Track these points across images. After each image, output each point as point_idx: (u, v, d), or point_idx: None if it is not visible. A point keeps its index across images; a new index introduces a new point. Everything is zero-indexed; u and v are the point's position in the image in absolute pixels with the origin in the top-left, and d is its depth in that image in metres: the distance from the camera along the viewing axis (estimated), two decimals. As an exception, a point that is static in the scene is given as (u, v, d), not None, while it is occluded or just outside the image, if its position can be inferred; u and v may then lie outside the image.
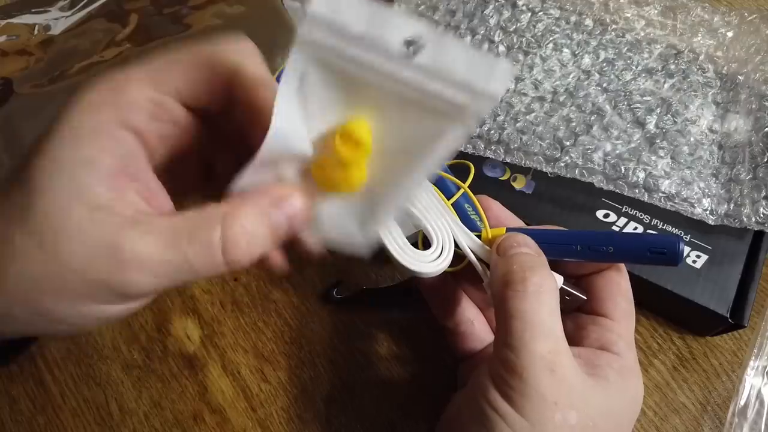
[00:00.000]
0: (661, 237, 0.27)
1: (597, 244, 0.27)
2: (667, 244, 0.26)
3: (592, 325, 0.29)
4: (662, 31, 0.41)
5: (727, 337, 0.39)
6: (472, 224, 0.30)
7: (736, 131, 0.37)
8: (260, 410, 0.37)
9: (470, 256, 0.29)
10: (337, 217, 0.24)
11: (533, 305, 0.25)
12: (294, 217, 0.22)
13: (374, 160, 0.22)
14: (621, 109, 0.38)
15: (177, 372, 0.38)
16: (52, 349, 0.38)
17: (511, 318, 0.25)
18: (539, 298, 0.25)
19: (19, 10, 0.44)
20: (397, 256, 0.28)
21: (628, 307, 0.29)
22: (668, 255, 0.26)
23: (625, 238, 0.28)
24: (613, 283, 0.29)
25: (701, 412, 0.37)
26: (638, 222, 0.37)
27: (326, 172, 0.22)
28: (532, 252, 0.27)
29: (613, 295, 0.29)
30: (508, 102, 0.39)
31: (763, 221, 0.34)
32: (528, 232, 0.28)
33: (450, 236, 0.29)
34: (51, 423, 0.37)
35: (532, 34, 0.40)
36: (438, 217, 0.29)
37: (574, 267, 0.30)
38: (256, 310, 0.40)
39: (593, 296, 0.29)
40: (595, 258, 0.28)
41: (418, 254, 0.28)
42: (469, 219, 0.30)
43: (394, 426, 0.36)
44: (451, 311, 0.33)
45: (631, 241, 0.27)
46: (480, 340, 0.33)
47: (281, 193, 0.22)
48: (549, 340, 0.24)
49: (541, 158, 0.37)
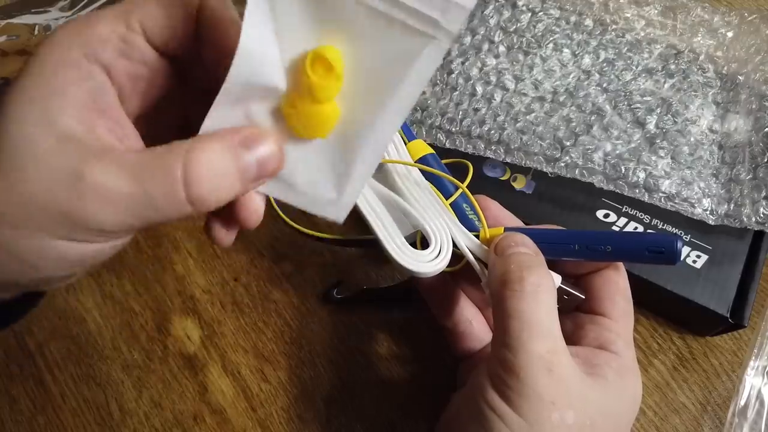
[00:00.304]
0: (659, 236, 0.27)
1: (595, 244, 0.27)
2: (665, 243, 0.26)
3: (590, 325, 0.29)
4: (662, 31, 0.41)
5: (727, 337, 0.39)
6: (470, 224, 0.30)
7: (736, 131, 0.37)
8: (260, 410, 0.37)
9: (468, 256, 0.29)
10: (308, 169, 0.23)
11: (531, 305, 0.25)
12: (265, 162, 0.21)
13: (347, 97, 0.21)
14: (621, 109, 0.38)
15: (177, 372, 0.38)
16: (52, 349, 0.38)
17: (509, 318, 0.25)
18: (537, 298, 0.25)
19: (19, 11, 0.44)
20: (395, 256, 0.28)
21: (627, 306, 0.29)
22: (666, 254, 0.26)
23: (623, 238, 0.28)
24: (612, 282, 0.29)
25: (701, 412, 0.37)
26: (638, 222, 0.37)
27: (298, 109, 0.21)
28: (530, 251, 0.27)
29: (611, 294, 0.29)
30: (508, 102, 0.39)
31: (763, 221, 0.34)
32: (526, 232, 0.28)
33: (448, 236, 0.29)
34: (51, 423, 0.37)
35: (532, 35, 0.40)
36: (436, 217, 0.29)
37: (572, 266, 0.30)
38: (256, 310, 0.40)
39: (592, 295, 0.29)
40: (593, 257, 0.28)
41: (416, 254, 0.28)
42: (467, 219, 0.30)
43: (394, 426, 0.36)
44: (449, 311, 0.33)
45: (629, 240, 0.27)
46: (479, 340, 0.33)
47: (253, 133, 0.21)
48: (547, 339, 0.24)
49: (541, 158, 0.37)
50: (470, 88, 0.39)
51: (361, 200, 0.29)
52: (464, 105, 0.39)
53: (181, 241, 0.41)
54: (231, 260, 0.41)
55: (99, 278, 0.40)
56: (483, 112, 0.39)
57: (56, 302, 0.39)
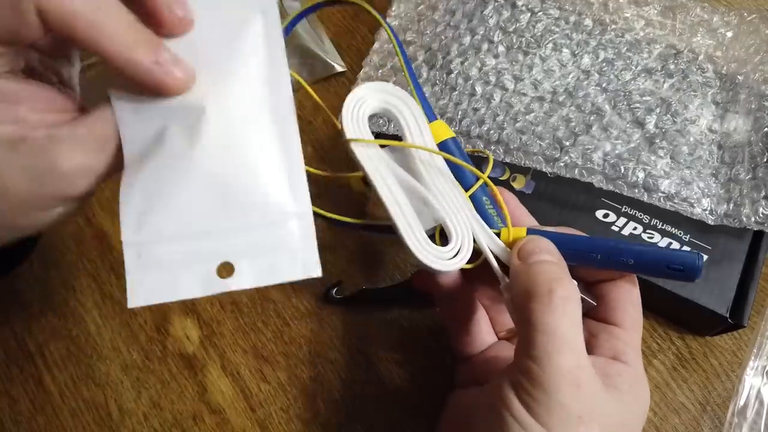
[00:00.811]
0: (682, 254, 0.27)
1: (617, 256, 0.27)
2: (687, 261, 0.26)
3: (604, 334, 0.29)
4: (661, 31, 0.41)
5: (726, 337, 0.39)
6: (489, 219, 0.29)
7: (736, 131, 0.37)
8: (259, 410, 0.37)
9: (491, 260, 0.28)
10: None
11: (558, 318, 0.24)
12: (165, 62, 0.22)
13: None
14: (620, 109, 0.38)
15: (176, 372, 0.38)
16: (51, 350, 0.38)
17: (535, 330, 0.24)
18: (565, 311, 0.25)
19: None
20: (414, 251, 0.27)
21: (638, 317, 0.29)
22: (686, 272, 0.26)
23: (646, 252, 0.27)
24: (626, 292, 0.29)
25: (701, 412, 0.37)
26: (638, 222, 0.37)
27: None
28: (555, 260, 0.27)
29: (624, 304, 0.29)
30: (507, 102, 0.39)
31: (762, 221, 0.34)
32: (549, 236, 0.28)
33: (470, 233, 0.28)
34: (50, 423, 0.37)
35: (532, 35, 0.40)
36: (458, 212, 0.28)
37: (587, 272, 0.30)
38: (255, 310, 0.40)
39: (606, 304, 0.29)
40: (614, 267, 0.28)
41: (436, 250, 0.27)
42: (486, 213, 0.29)
43: (394, 426, 0.36)
44: (457, 309, 0.33)
45: (651, 254, 0.27)
46: (481, 342, 0.33)
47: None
48: (573, 353, 0.24)
49: (540, 158, 0.37)
50: (469, 88, 0.39)
51: (381, 185, 0.28)
52: (463, 105, 0.39)
53: (180, 241, 0.41)
54: (230, 260, 0.41)
55: (98, 278, 0.40)
56: (482, 112, 0.39)
57: (56, 303, 0.39)
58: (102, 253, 0.41)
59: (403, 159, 0.29)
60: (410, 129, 0.29)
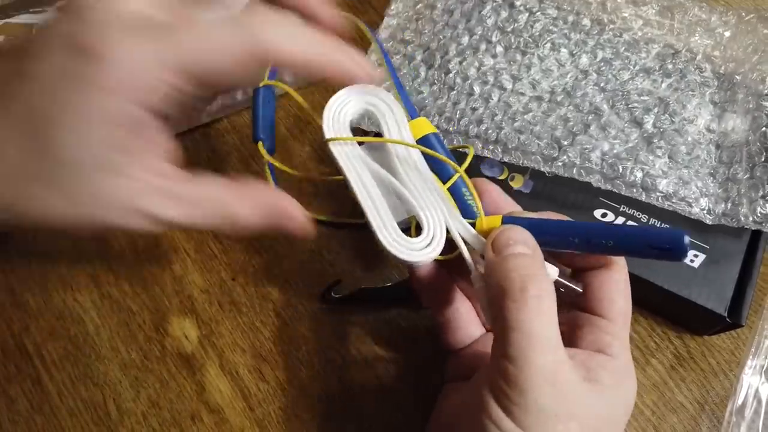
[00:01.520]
0: (665, 231, 0.26)
1: (596, 237, 0.26)
2: (672, 239, 0.24)
3: (588, 326, 0.28)
4: (660, 30, 0.41)
5: (724, 336, 0.39)
6: (469, 210, 0.29)
7: (734, 131, 0.37)
8: (258, 410, 0.37)
9: (462, 248, 0.28)
10: None
11: (533, 316, 0.24)
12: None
13: None
14: (618, 109, 0.38)
15: (175, 372, 0.38)
16: (50, 349, 0.38)
17: (510, 329, 0.24)
18: (539, 308, 0.24)
19: (18, 10, 0.43)
20: (385, 243, 0.27)
21: (626, 306, 0.28)
22: (672, 251, 0.24)
23: (626, 231, 0.26)
24: (612, 281, 0.28)
25: (699, 411, 0.37)
26: (636, 221, 0.37)
27: None
28: (530, 251, 0.26)
29: (611, 293, 0.28)
30: (505, 102, 0.39)
31: (760, 220, 0.34)
32: (525, 222, 0.27)
33: (442, 224, 0.28)
34: (48, 423, 0.37)
35: (530, 34, 0.41)
36: (431, 203, 0.29)
37: (573, 259, 0.29)
38: (254, 309, 0.40)
39: (591, 294, 0.29)
40: (595, 251, 0.27)
41: (406, 241, 0.27)
42: (466, 204, 0.29)
43: (394, 426, 0.36)
44: (440, 300, 0.32)
45: (631, 233, 0.26)
46: (468, 334, 0.32)
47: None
48: (549, 351, 0.24)
49: (538, 158, 0.37)
50: (468, 87, 0.39)
51: (355, 181, 0.29)
52: (462, 104, 0.39)
53: (179, 241, 0.41)
54: (229, 260, 0.41)
55: (97, 278, 0.40)
56: (480, 111, 0.39)
57: (54, 302, 0.39)
58: (101, 253, 0.41)
59: (382, 156, 0.30)
60: (388, 126, 0.30)
